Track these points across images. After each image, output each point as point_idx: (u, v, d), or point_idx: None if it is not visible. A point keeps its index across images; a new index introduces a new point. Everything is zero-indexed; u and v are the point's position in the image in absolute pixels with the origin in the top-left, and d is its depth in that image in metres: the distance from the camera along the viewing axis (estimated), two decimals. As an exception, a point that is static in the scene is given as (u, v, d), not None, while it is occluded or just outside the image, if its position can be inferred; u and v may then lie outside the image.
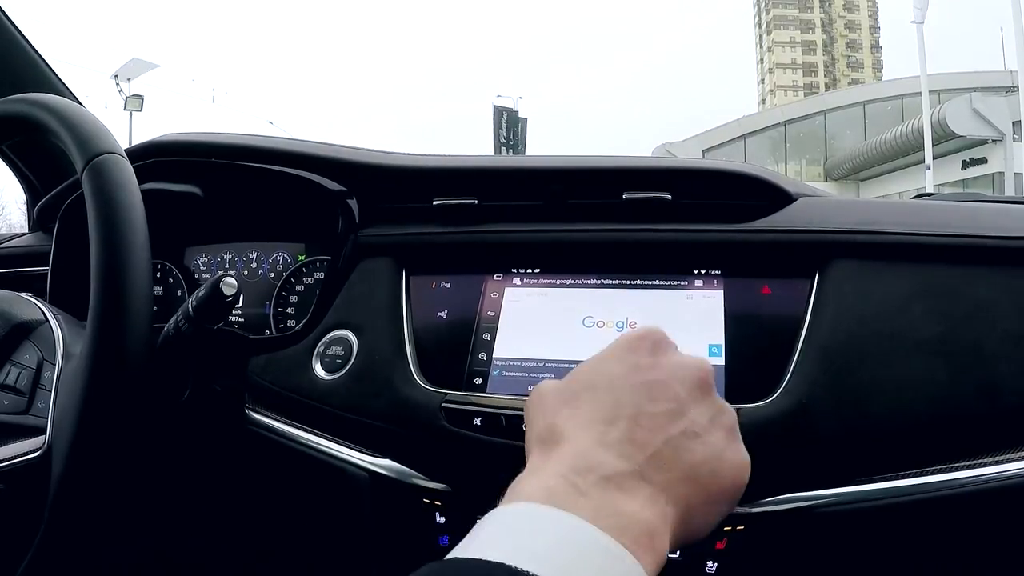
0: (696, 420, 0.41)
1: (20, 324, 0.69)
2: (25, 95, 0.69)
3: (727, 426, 0.43)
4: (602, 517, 0.34)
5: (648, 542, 0.35)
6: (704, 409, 0.42)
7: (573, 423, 0.41)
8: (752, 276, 0.73)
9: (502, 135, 20.05)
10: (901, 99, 29.06)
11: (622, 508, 0.35)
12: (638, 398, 0.41)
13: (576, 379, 0.44)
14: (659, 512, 0.37)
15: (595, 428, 0.40)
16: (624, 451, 0.38)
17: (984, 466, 0.62)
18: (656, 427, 0.40)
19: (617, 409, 0.41)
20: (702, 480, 0.40)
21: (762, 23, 67.25)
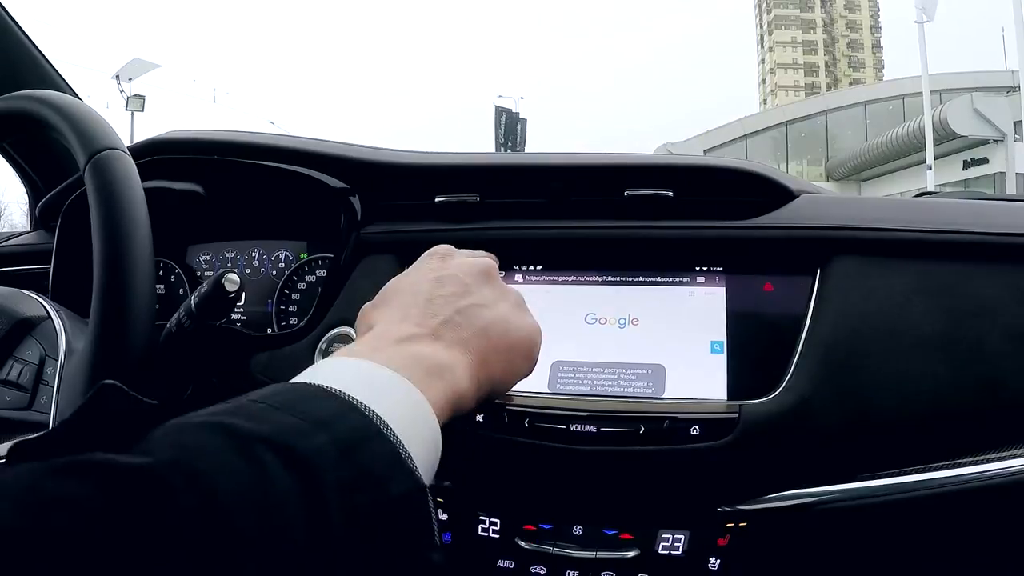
0: (482, 296, 0.50)
1: (22, 320, 0.69)
2: (27, 91, 0.69)
3: (512, 301, 0.52)
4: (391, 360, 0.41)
5: (438, 373, 0.43)
6: (489, 290, 0.51)
7: (381, 315, 0.49)
8: (754, 273, 0.73)
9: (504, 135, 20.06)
10: (902, 99, 29.05)
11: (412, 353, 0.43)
12: (431, 287, 0.50)
13: (388, 287, 0.53)
14: (453, 355, 0.45)
15: (397, 314, 0.48)
16: (419, 321, 0.47)
17: (986, 463, 0.62)
18: (446, 303, 0.48)
19: (415, 297, 0.49)
20: (494, 336, 0.48)
21: (763, 23, 67.23)
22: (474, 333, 0.47)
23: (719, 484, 0.66)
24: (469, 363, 0.45)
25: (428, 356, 0.43)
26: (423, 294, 0.49)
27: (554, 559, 0.67)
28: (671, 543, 0.66)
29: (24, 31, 1.10)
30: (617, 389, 0.70)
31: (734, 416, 0.64)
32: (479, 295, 0.50)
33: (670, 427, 0.64)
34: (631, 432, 0.65)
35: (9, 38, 1.08)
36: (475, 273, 0.52)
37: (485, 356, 0.47)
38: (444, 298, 0.49)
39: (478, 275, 0.52)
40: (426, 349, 0.44)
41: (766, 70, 66.76)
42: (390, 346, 0.44)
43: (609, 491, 0.68)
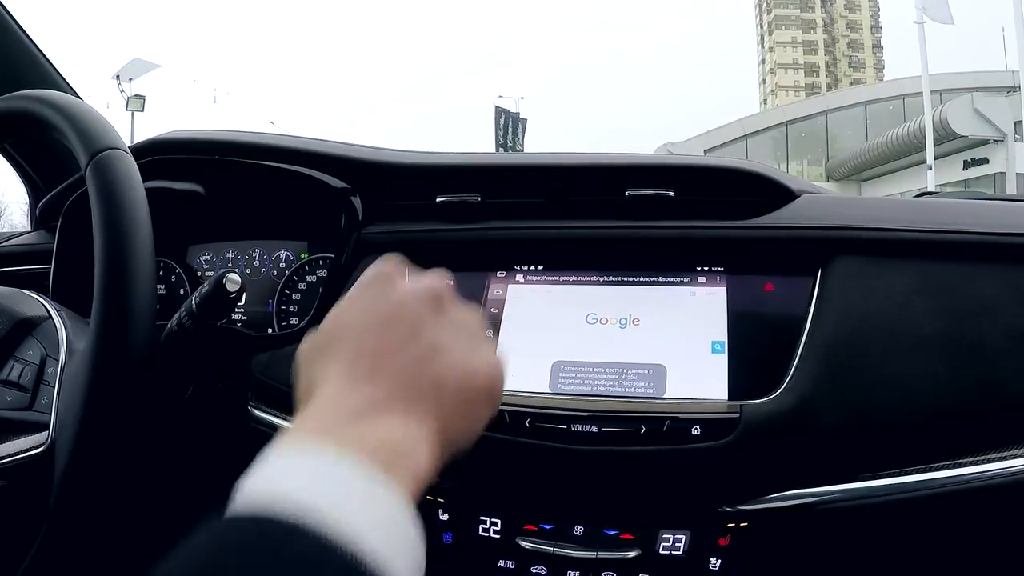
0: (435, 336, 0.44)
1: (23, 320, 0.69)
2: (28, 91, 0.69)
3: (469, 333, 0.46)
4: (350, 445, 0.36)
5: (400, 462, 0.37)
6: (442, 324, 0.45)
7: (323, 373, 0.43)
8: (755, 273, 0.73)
9: (504, 135, 20.06)
10: (903, 99, 29.02)
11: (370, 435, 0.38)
12: (376, 331, 0.43)
13: (325, 329, 0.46)
14: (410, 432, 0.39)
15: (342, 371, 0.42)
16: (368, 386, 0.40)
17: (987, 463, 0.62)
18: (395, 351, 0.42)
19: (359, 346, 0.43)
20: (451, 391, 0.42)
21: (763, 23, 67.22)
22: (430, 391, 0.41)
23: (720, 484, 0.66)
24: (428, 433, 0.40)
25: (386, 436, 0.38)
26: (369, 342, 0.43)
27: (555, 559, 0.67)
28: (672, 543, 0.66)
29: (24, 31, 1.10)
30: (618, 389, 0.69)
31: (735, 416, 0.64)
32: (430, 335, 0.44)
33: (671, 427, 0.64)
34: (632, 432, 0.65)
35: (9, 38, 1.08)
36: (424, 305, 0.45)
37: (444, 416, 0.41)
38: (392, 347, 0.42)
39: (427, 307, 0.45)
40: (382, 427, 0.39)
41: (766, 70, 66.76)
42: (344, 425, 0.38)
43: (610, 491, 0.68)
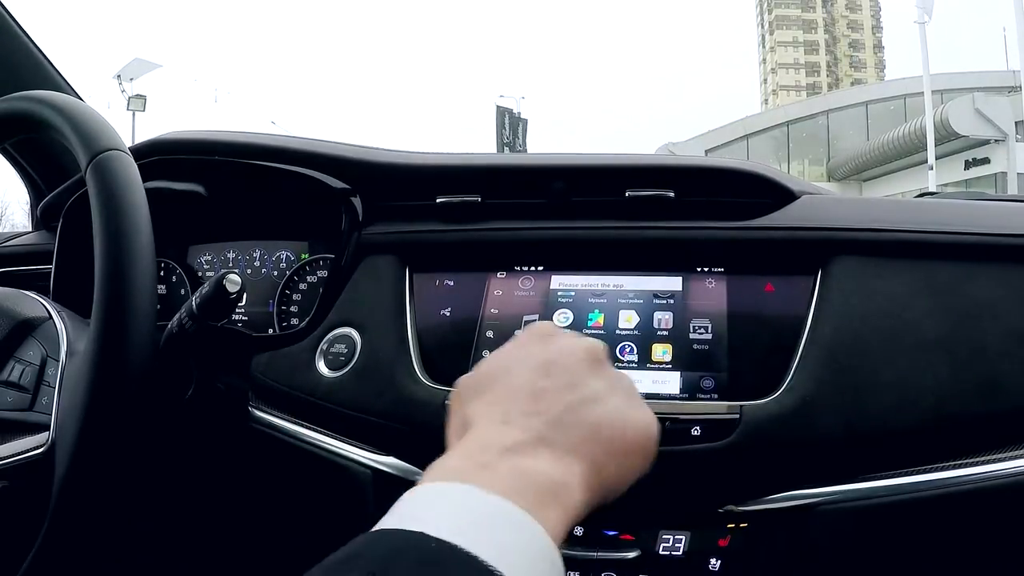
0: (593, 388, 0.44)
1: (24, 321, 0.69)
2: (29, 92, 0.69)
3: (625, 390, 0.46)
4: (503, 482, 0.36)
5: (552, 497, 0.37)
6: (600, 380, 0.45)
7: (479, 411, 0.44)
8: (755, 273, 0.73)
9: (505, 135, 20.06)
10: (904, 99, 29.00)
11: (523, 470, 0.38)
12: (535, 376, 0.44)
13: (482, 371, 0.47)
14: (564, 468, 0.39)
15: (498, 410, 0.43)
16: (525, 423, 0.41)
17: (986, 463, 0.62)
18: (554, 398, 0.43)
19: (517, 390, 0.44)
20: (607, 437, 0.42)
21: (764, 23, 67.20)
22: (586, 436, 0.41)
23: (720, 485, 0.66)
24: (582, 474, 0.40)
25: (540, 473, 0.38)
26: (526, 387, 0.43)
27: (555, 560, 0.67)
28: (672, 544, 0.66)
29: (25, 31, 1.10)
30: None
31: (735, 417, 0.64)
32: (589, 387, 0.44)
33: (671, 428, 0.64)
34: (632, 433, 0.65)
35: (10, 38, 1.08)
36: (583, 360, 0.46)
37: (599, 462, 0.41)
38: (550, 392, 0.43)
39: (586, 362, 0.46)
40: (536, 463, 0.39)
41: (767, 70, 66.73)
42: (497, 459, 0.38)
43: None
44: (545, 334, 0.49)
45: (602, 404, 0.43)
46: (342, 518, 0.76)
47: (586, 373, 0.45)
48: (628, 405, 0.45)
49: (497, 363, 0.47)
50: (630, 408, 0.45)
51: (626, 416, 0.44)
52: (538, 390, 0.43)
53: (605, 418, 0.43)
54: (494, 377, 0.46)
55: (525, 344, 0.48)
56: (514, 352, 0.48)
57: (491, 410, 0.43)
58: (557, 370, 0.44)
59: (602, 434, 0.42)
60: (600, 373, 0.46)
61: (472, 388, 0.46)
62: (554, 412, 0.42)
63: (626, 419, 0.44)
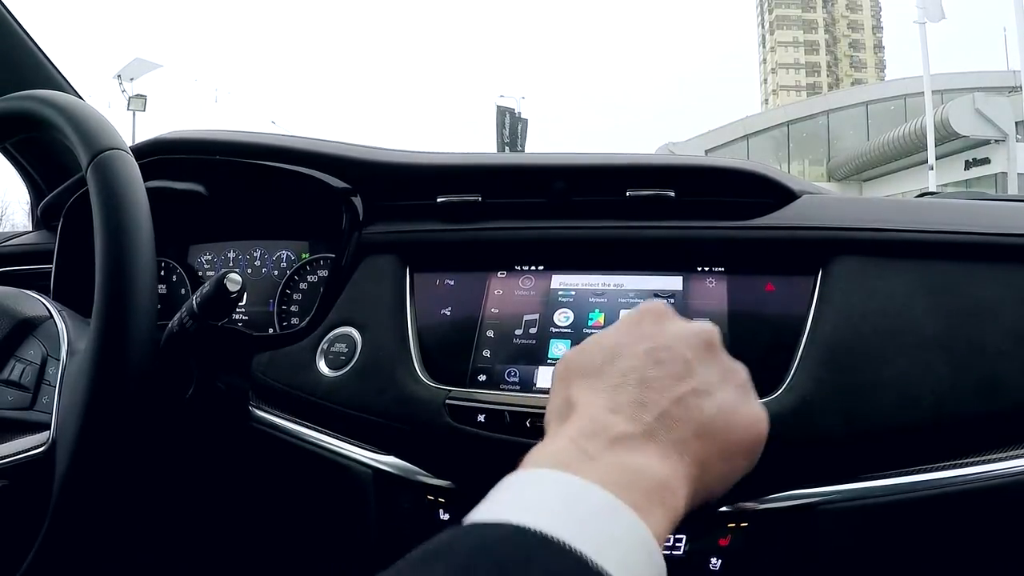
0: (705, 379, 0.42)
1: (24, 320, 0.69)
2: (30, 92, 0.69)
3: (739, 382, 0.45)
4: (609, 476, 0.35)
5: (659, 496, 0.36)
6: (713, 369, 0.44)
7: (584, 393, 0.42)
8: (755, 273, 0.73)
9: (505, 135, 20.04)
10: (904, 99, 28.98)
11: (630, 465, 0.37)
12: (644, 363, 0.42)
13: (589, 351, 0.45)
14: (671, 467, 0.38)
15: (604, 395, 0.41)
16: (633, 413, 0.39)
17: (986, 463, 0.62)
18: (663, 388, 0.41)
19: (625, 376, 0.42)
20: (715, 435, 0.41)
21: (765, 23, 67.18)
22: (694, 432, 0.40)
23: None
24: (687, 475, 0.38)
25: (646, 470, 0.37)
26: (635, 371, 0.42)
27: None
28: (672, 543, 0.66)
29: (26, 31, 1.10)
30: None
31: (735, 416, 0.64)
32: (701, 378, 0.42)
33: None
34: (633, 432, 0.65)
35: (11, 38, 1.09)
36: (696, 347, 0.44)
37: (704, 461, 0.40)
38: (660, 381, 0.41)
39: (700, 349, 0.44)
40: (643, 459, 0.37)
41: (768, 70, 66.71)
42: (602, 450, 0.37)
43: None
44: (658, 314, 0.47)
45: (712, 398, 0.42)
46: (343, 518, 0.76)
47: (698, 361, 0.43)
48: (738, 399, 0.43)
49: (607, 343, 0.45)
50: (740, 403, 0.43)
51: (736, 412, 0.42)
52: (648, 379, 0.41)
53: (715, 414, 0.41)
54: (602, 359, 0.44)
55: (637, 324, 0.46)
56: (625, 332, 0.45)
57: (598, 396, 0.41)
58: (668, 357, 0.43)
59: (710, 431, 0.41)
60: (712, 361, 0.44)
61: (578, 367, 0.44)
62: (663, 404, 0.40)
63: (736, 415, 0.42)
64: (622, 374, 0.42)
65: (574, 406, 0.42)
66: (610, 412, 0.40)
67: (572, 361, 0.46)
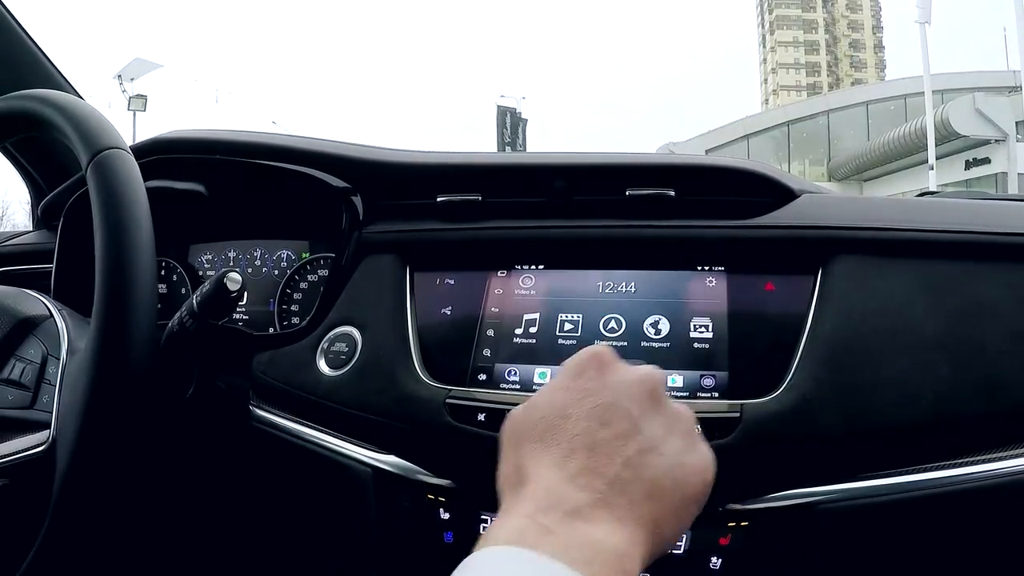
0: (651, 434, 0.43)
1: (25, 319, 0.69)
2: (29, 91, 0.69)
3: (684, 431, 0.45)
4: (569, 551, 0.36)
5: (618, 566, 0.37)
6: (658, 421, 0.44)
7: (535, 461, 0.42)
8: (755, 272, 0.73)
9: (505, 134, 20.04)
10: (904, 99, 28.97)
11: (588, 539, 0.37)
12: (591, 424, 0.42)
13: (535, 412, 0.45)
14: (627, 534, 0.39)
15: (555, 463, 0.41)
16: (585, 482, 0.40)
17: (986, 462, 0.62)
18: (612, 451, 0.41)
19: (573, 440, 0.42)
20: (666, 493, 0.41)
21: (765, 23, 67.17)
22: (645, 493, 0.40)
23: (720, 483, 0.65)
24: (643, 539, 0.39)
25: (605, 542, 0.37)
26: (583, 435, 0.42)
27: (556, 558, 0.67)
28: (673, 542, 0.66)
29: (26, 31, 1.10)
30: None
31: (735, 416, 0.64)
32: (648, 433, 0.43)
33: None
34: (633, 431, 0.65)
35: (11, 38, 1.09)
36: (641, 399, 0.44)
37: (658, 519, 0.41)
38: (608, 443, 0.41)
39: (644, 401, 0.44)
40: (600, 531, 0.38)
41: (768, 70, 66.71)
42: (560, 524, 0.37)
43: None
44: (600, 364, 0.46)
45: (660, 454, 0.42)
46: (343, 517, 0.76)
47: (643, 416, 0.43)
48: (685, 449, 0.44)
49: (552, 401, 0.45)
50: (687, 454, 0.44)
51: (683, 465, 0.43)
52: (596, 442, 0.41)
53: (664, 471, 0.42)
54: (549, 421, 0.44)
55: (580, 376, 0.46)
56: (569, 388, 0.45)
57: (549, 467, 0.41)
58: (614, 416, 0.43)
59: (661, 489, 0.41)
60: (657, 413, 0.44)
61: (526, 431, 0.44)
62: (614, 469, 0.40)
63: (684, 468, 0.43)
64: (570, 439, 0.42)
65: (527, 476, 0.42)
66: (563, 483, 0.40)
67: (520, 423, 0.46)
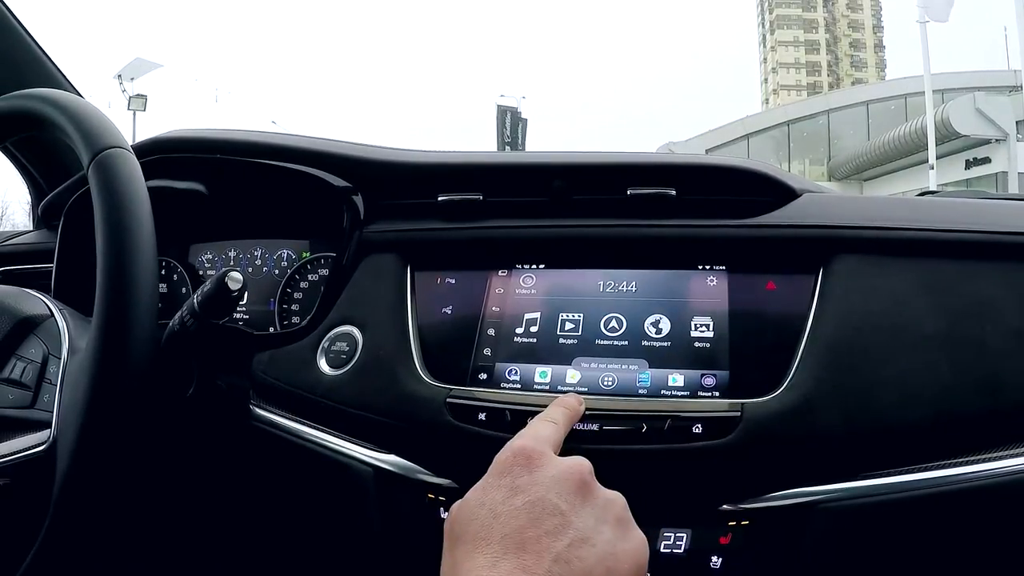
0: (582, 526, 0.43)
1: (25, 319, 0.69)
2: (30, 91, 0.69)
3: (615, 518, 0.46)
4: None
5: None
6: (588, 511, 0.45)
7: (468, 564, 0.42)
8: (756, 272, 0.73)
9: (506, 134, 20.03)
10: (904, 99, 28.94)
11: None
12: (521, 523, 0.43)
13: (468, 513, 0.46)
14: None
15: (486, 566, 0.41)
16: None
17: (987, 461, 0.62)
18: (542, 549, 0.41)
19: (503, 541, 0.42)
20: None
21: (765, 22, 67.15)
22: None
23: (721, 483, 0.66)
24: None
25: None
26: (513, 535, 0.42)
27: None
28: (673, 541, 0.66)
29: (27, 30, 1.10)
30: (619, 388, 0.69)
31: (736, 415, 0.64)
32: (578, 526, 0.43)
33: (672, 426, 0.64)
34: (633, 431, 0.65)
35: (12, 37, 1.09)
36: (570, 492, 0.45)
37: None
38: (538, 541, 0.42)
39: (573, 494, 0.45)
40: None
41: (768, 69, 66.69)
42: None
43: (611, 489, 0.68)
44: (527, 460, 0.47)
45: (591, 546, 0.43)
46: (343, 516, 0.76)
47: (572, 509, 0.44)
48: (616, 537, 0.45)
49: (482, 501, 0.46)
50: (619, 541, 0.44)
51: (615, 554, 0.43)
52: (526, 540, 0.42)
53: (596, 561, 0.42)
54: (480, 520, 0.44)
55: (505, 479, 0.47)
56: (496, 491, 0.46)
57: (480, 563, 0.42)
58: (542, 512, 0.43)
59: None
60: (586, 503, 0.45)
61: (461, 532, 0.45)
62: (544, 566, 0.41)
63: (616, 557, 0.43)
64: (500, 539, 0.42)
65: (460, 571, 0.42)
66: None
67: (455, 522, 0.46)
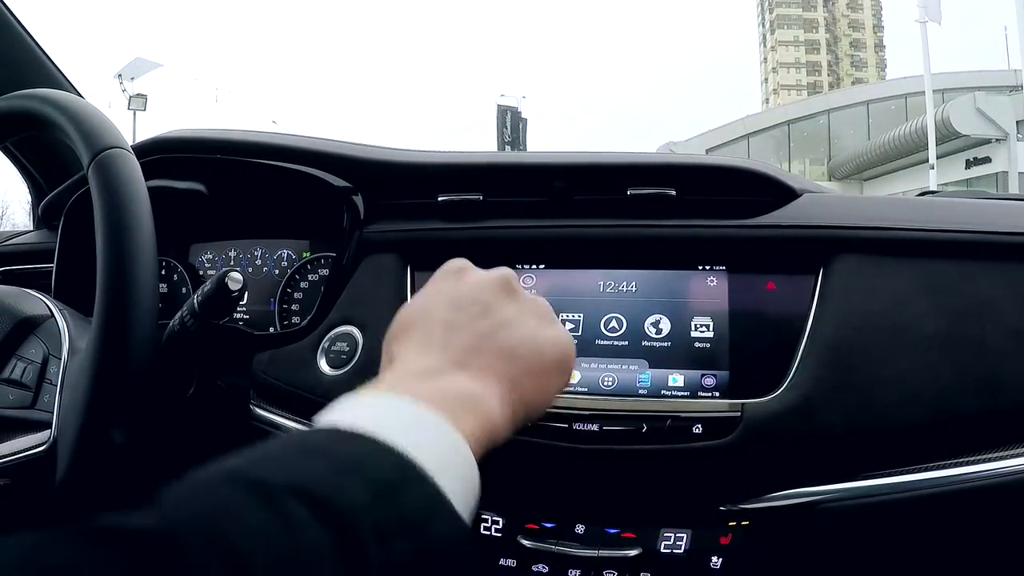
0: (504, 315, 0.47)
1: (25, 319, 0.69)
2: (30, 91, 0.70)
3: (539, 314, 0.49)
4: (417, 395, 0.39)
5: (469, 405, 0.40)
6: (513, 307, 0.48)
7: (401, 348, 0.46)
8: (757, 272, 0.73)
9: (506, 134, 20.03)
10: (904, 98, 28.96)
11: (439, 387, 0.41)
12: (447, 311, 0.47)
13: (405, 313, 0.50)
14: (480, 385, 0.42)
15: (416, 344, 0.45)
16: (441, 353, 0.44)
17: (988, 462, 0.62)
18: (466, 326, 0.45)
19: (431, 325, 0.46)
20: (521, 357, 0.45)
21: (766, 22, 67.14)
22: (500, 357, 0.44)
23: (721, 483, 0.66)
24: (500, 390, 0.43)
25: (455, 388, 0.41)
26: (440, 321, 0.46)
27: (556, 557, 0.67)
28: (673, 542, 0.66)
29: (27, 30, 1.10)
30: (619, 388, 0.69)
31: (736, 415, 0.64)
32: (501, 314, 0.47)
33: (672, 426, 0.64)
34: (633, 431, 0.65)
35: (12, 37, 1.09)
36: (493, 289, 0.48)
37: (516, 380, 0.44)
38: (463, 322, 0.46)
39: (497, 290, 0.48)
40: (451, 381, 0.42)
41: (768, 69, 66.68)
42: (413, 381, 0.41)
43: (611, 490, 0.68)
44: (457, 270, 0.51)
45: (515, 328, 0.46)
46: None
47: (497, 301, 0.48)
48: (539, 326, 0.48)
49: (416, 304, 0.50)
50: (541, 329, 0.47)
51: (537, 337, 0.47)
52: (452, 322, 0.46)
53: (519, 340, 0.46)
54: (413, 317, 0.48)
55: (439, 281, 0.51)
56: (430, 291, 0.50)
57: (411, 345, 0.45)
58: (468, 302, 0.47)
59: (516, 354, 0.45)
60: (510, 299, 0.48)
61: (397, 330, 0.48)
62: (468, 339, 0.45)
63: (538, 339, 0.46)
64: (428, 323, 0.46)
65: (393, 359, 0.46)
66: (421, 355, 0.44)
67: (393, 326, 0.49)
